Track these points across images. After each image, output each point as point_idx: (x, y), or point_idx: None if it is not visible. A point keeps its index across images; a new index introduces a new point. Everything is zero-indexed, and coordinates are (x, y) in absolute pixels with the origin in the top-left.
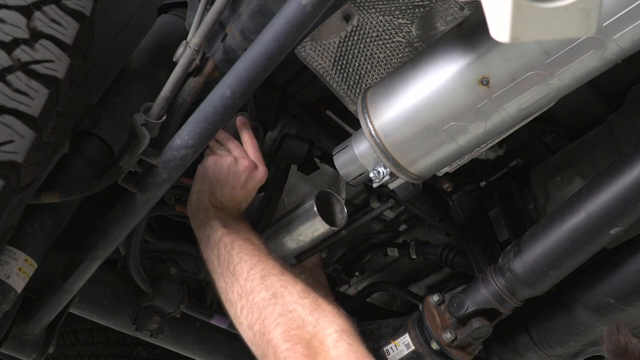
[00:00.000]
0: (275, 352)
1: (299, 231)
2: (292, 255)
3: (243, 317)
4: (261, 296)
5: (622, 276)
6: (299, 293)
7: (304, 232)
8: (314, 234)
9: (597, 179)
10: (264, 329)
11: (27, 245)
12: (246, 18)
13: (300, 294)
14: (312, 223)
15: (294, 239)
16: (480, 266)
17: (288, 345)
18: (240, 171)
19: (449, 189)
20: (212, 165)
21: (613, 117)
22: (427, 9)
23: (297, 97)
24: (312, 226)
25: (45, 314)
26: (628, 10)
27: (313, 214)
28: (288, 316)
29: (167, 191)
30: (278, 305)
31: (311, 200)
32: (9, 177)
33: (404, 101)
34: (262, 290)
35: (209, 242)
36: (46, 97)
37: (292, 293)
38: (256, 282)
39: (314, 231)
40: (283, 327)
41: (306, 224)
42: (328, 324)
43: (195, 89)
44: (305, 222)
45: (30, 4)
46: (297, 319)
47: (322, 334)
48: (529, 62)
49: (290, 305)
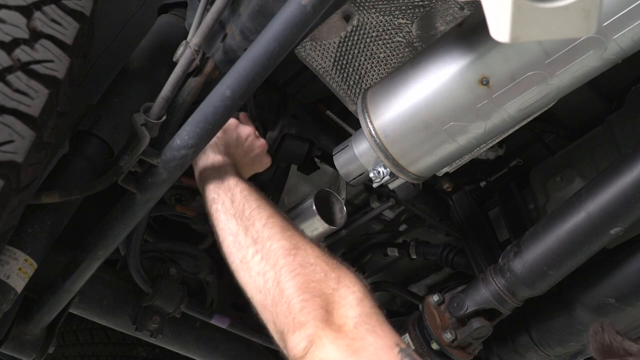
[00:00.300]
0: (289, 302)
1: None
2: None
3: (254, 262)
4: (281, 244)
5: (622, 276)
6: (321, 251)
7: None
8: (313, 233)
9: (597, 179)
10: (279, 277)
11: (27, 245)
12: (246, 18)
13: (322, 251)
14: (312, 222)
15: None
16: (480, 266)
17: (306, 295)
18: (257, 145)
19: (449, 189)
20: (236, 126)
21: (613, 117)
22: (427, 9)
23: (297, 97)
24: (312, 225)
25: (45, 314)
26: (628, 10)
27: (312, 212)
28: (309, 268)
29: (167, 191)
30: (299, 257)
31: (310, 199)
32: (9, 177)
33: (404, 101)
34: (282, 239)
35: (222, 184)
36: (46, 97)
37: (314, 248)
38: (276, 230)
39: (313, 230)
40: (303, 278)
41: (305, 223)
42: (351, 283)
43: (195, 89)
44: (305, 221)
45: (30, 4)
46: (319, 272)
47: (344, 291)
48: (529, 62)
49: (312, 259)
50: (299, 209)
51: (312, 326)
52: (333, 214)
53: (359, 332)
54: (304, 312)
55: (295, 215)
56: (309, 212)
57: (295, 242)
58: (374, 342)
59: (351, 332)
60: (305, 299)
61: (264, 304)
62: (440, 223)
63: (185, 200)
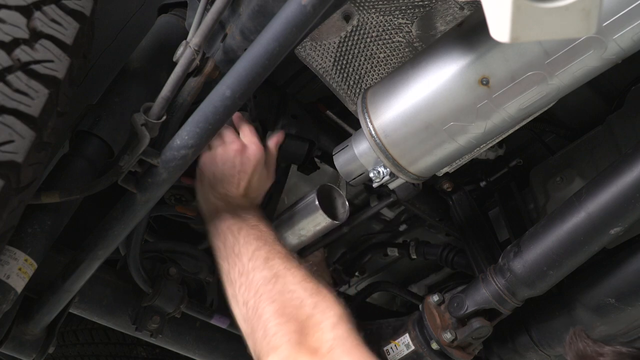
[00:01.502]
0: (265, 326)
1: (300, 225)
2: (293, 251)
3: (240, 294)
4: (262, 274)
5: (622, 276)
6: (302, 276)
7: (306, 227)
8: (316, 228)
9: (597, 179)
10: (258, 305)
11: (27, 245)
12: (246, 18)
13: (303, 277)
14: (314, 217)
15: (296, 233)
16: (480, 266)
17: (281, 320)
18: (231, 157)
19: (449, 189)
20: (206, 162)
21: (613, 117)
22: (427, 9)
23: (297, 97)
24: (314, 220)
25: (45, 314)
26: (628, 10)
27: (315, 207)
28: (287, 295)
29: (167, 191)
30: (278, 284)
31: (313, 194)
32: (9, 177)
33: (404, 101)
34: (264, 269)
35: (217, 232)
36: (46, 97)
37: (294, 275)
38: (259, 262)
39: (315, 225)
40: (279, 304)
41: (308, 218)
42: (327, 308)
43: (195, 89)
44: (307, 216)
45: (30, 4)
46: (296, 299)
47: (319, 316)
48: (529, 62)
49: (291, 285)
50: (302, 204)
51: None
52: (335, 208)
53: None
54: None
55: (297, 210)
56: (312, 207)
57: (276, 271)
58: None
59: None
60: (280, 323)
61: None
62: (440, 223)
63: (185, 200)
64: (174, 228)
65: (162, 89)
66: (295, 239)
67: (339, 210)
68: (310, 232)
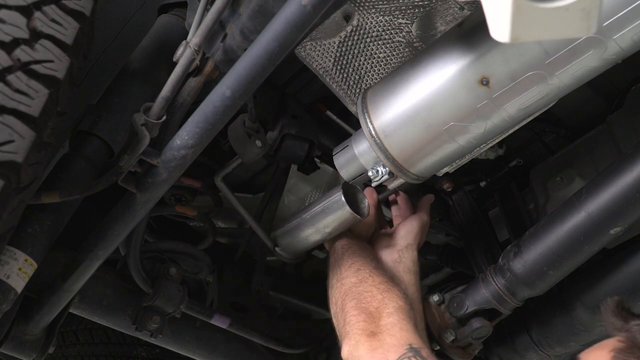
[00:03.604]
0: (345, 317)
1: (325, 223)
2: (313, 247)
3: (333, 295)
4: (351, 281)
5: (622, 276)
6: (380, 280)
7: (331, 224)
8: (341, 224)
9: (597, 179)
10: (344, 302)
11: (27, 245)
12: (246, 18)
13: (381, 280)
14: (341, 214)
15: (320, 231)
16: (480, 266)
17: (355, 312)
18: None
19: (449, 189)
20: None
21: (613, 117)
22: (427, 9)
23: (297, 97)
24: (341, 217)
25: (45, 314)
26: (628, 10)
27: (342, 204)
28: (365, 294)
29: (167, 191)
30: (360, 287)
31: (339, 193)
32: (9, 177)
33: (404, 101)
34: (353, 276)
35: (333, 250)
36: (46, 97)
37: (374, 280)
38: (351, 272)
39: (342, 222)
40: (357, 301)
41: (333, 215)
42: (390, 301)
43: (195, 89)
44: (333, 213)
45: (30, 4)
46: (370, 296)
47: (383, 307)
48: (529, 62)
49: (369, 287)
50: (326, 203)
51: (355, 336)
52: (356, 204)
53: (382, 336)
54: (351, 324)
55: (321, 209)
56: (339, 204)
57: (362, 278)
58: (389, 342)
59: (377, 337)
60: (355, 314)
61: (336, 325)
62: (440, 223)
63: (185, 200)
64: (174, 228)
65: (162, 89)
66: (318, 236)
67: (361, 206)
68: (334, 229)
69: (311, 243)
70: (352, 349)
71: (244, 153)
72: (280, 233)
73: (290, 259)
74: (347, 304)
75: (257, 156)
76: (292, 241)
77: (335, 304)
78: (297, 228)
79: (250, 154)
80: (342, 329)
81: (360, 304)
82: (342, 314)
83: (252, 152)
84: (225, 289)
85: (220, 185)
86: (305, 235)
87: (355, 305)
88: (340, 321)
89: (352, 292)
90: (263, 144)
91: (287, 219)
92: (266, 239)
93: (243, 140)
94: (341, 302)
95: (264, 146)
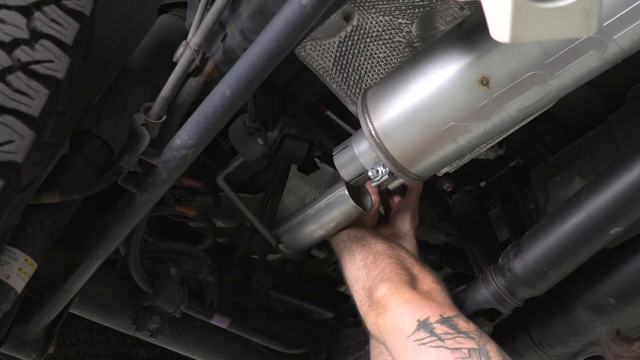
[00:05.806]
0: (383, 269)
1: (329, 218)
2: (317, 243)
3: (359, 255)
4: (383, 246)
5: (622, 276)
6: (415, 260)
7: (336, 219)
8: (345, 219)
9: (597, 179)
10: (376, 259)
11: (27, 245)
12: (246, 18)
13: (416, 261)
14: (345, 208)
15: (325, 226)
16: (480, 266)
17: (397, 269)
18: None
19: (449, 189)
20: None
21: (613, 117)
22: (427, 9)
23: (297, 97)
24: (346, 211)
25: (45, 314)
26: (628, 10)
27: (346, 198)
28: (402, 258)
29: (167, 191)
30: (396, 252)
31: (342, 188)
32: (9, 177)
33: (404, 101)
34: (384, 243)
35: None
36: (46, 97)
37: (407, 257)
38: (379, 240)
39: (346, 216)
40: (396, 259)
41: (338, 210)
42: (430, 273)
43: (195, 89)
44: (337, 208)
45: (30, 4)
46: (410, 263)
47: (424, 276)
48: (529, 62)
49: (407, 255)
50: (330, 198)
51: (397, 283)
52: (360, 199)
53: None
54: (393, 274)
55: (325, 204)
56: (343, 198)
57: (393, 245)
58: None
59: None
60: (395, 269)
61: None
62: (440, 223)
63: (185, 200)
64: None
65: (162, 89)
66: (322, 231)
67: (364, 200)
68: (339, 223)
69: (315, 238)
70: (394, 291)
71: (246, 152)
72: (284, 230)
73: (293, 256)
74: (384, 260)
75: (259, 154)
76: (296, 237)
77: (363, 260)
78: (301, 224)
79: (252, 152)
80: (376, 276)
81: (400, 263)
82: (377, 266)
83: (254, 150)
84: (225, 289)
85: (222, 184)
86: (310, 231)
87: (394, 262)
88: (374, 271)
89: (387, 253)
90: (265, 141)
91: (289, 216)
92: (269, 236)
93: (244, 139)
94: (373, 259)
95: (265, 144)
